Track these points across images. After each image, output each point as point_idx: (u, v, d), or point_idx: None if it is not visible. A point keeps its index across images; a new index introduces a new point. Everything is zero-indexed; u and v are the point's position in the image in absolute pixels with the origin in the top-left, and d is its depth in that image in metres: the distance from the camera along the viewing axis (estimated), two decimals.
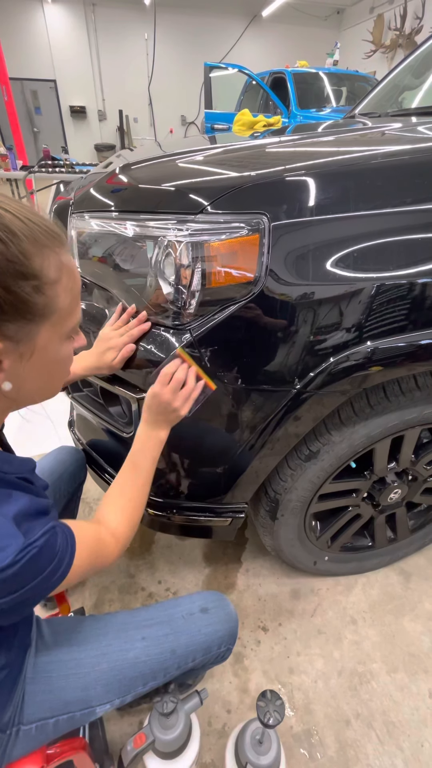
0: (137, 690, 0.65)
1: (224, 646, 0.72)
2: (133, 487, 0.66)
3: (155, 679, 0.66)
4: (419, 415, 0.87)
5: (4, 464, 0.47)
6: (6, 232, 0.38)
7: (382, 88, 1.82)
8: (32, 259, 0.40)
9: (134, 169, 0.91)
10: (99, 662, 0.63)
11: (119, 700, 0.64)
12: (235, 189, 0.68)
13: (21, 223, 0.39)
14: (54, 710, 0.59)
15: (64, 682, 0.60)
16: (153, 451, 0.69)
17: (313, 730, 0.94)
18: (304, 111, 4.91)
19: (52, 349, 0.46)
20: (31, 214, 0.41)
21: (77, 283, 0.47)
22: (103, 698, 0.62)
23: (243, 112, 2.97)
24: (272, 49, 9.52)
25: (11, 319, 0.40)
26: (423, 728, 0.94)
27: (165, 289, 0.71)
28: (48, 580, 0.45)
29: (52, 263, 0.42)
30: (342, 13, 9.39)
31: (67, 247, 0.46)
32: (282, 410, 0.74)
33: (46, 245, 0.41)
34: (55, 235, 0.43)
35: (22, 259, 0.39)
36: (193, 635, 0.68)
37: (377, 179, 0.71)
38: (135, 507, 0.65)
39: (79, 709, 0.60)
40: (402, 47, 7.72)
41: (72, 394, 0.99)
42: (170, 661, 0.66)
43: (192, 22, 8.79)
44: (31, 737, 0.57)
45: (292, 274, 0.66)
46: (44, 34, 8.22)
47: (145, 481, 0.68)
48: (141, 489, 0.67)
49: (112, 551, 0.58)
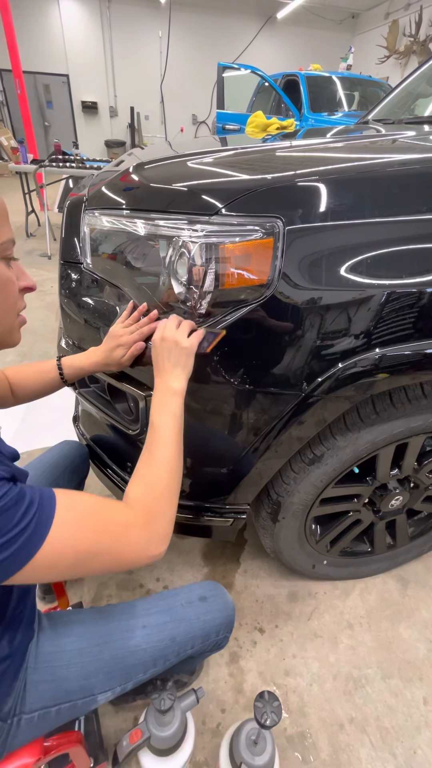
0: (138, 677, 0.66)
1: (222, 634, 0.73)
2: (153, 451, 0.58)
3: (155, 666, 0.67)
4: (425, 423, 0.88)
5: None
6: None
7: (395, 95, 1.83)
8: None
9: (148, 168, 0.91)
10: (101, 651, 0.63)
11: (120, 688, 0.65)
12: (251, 192, 0.68)
13: None
14: (56, 698, 0.59)
15: (66, 671, 0.61)
16: (169, 406, 0.61)
17: (307, 733, 0.94)
18: (316, 114, 4.91)
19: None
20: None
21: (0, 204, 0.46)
22: (104, 686, 0.63)
23: (256, 113, 2.98)
24: (286, 52, 9.52)
25: None
26: (416, 735, 0.95)
27: (177, 289, 0.71)
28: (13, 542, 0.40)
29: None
30: (357, 18, 9.39)
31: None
32: (289, 414, 0.75)
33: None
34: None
35: None
36: (192, 623, 0.69)
37: (393, 187, 0.71)
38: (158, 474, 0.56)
39: (81, 697, 0.61)
40: (416, 54, 7.71)
41: (78, 389, 0.99)
42: (170, 648, 0.67)
43: (206, 21, 8.80)
44: (33, 726, 0.58)
45: (305, 278, 0.66)
46: (59, 28, 8.24)
47: (166, 443, 0.59)
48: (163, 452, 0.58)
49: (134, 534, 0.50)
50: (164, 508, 0.55)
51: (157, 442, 0.59)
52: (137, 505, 0.52)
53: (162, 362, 0.65)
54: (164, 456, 0.58)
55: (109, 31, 8.52)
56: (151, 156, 1.01)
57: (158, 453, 0.58)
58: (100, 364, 0.78)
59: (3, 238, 0.48)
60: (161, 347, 0.65)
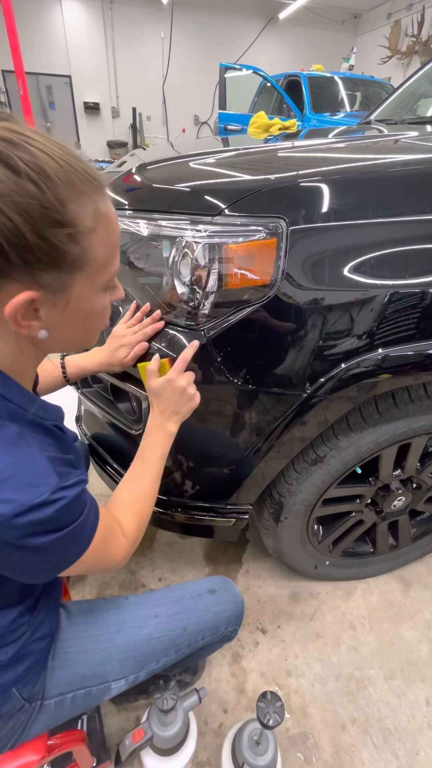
0: (150, 666, 0.67)
1: (231, 626, 0.74)
2: (142, 483, 0.65)
3: (167, 655, 0.68)
4: (427, 424, 0.88)
5: (40, 410, 0.48)
6: (42, 176, 0.36)
7: (398, 96, 1.82)
8: (67, 205, 0.38)
9: (150, 169, 0.92)
10: (114, 638, 0.64)
11: (133, 676, 0.66)
12: (254, 192, 0.69)
13: (58, 166, 0.37)
14: (72, 684, 0.61)
15: (82, 657, 0.62)
16: (162, 446, 0.67)
17: (309, 734, 0.94)
18: (318, 115, 4.90)
19: (87, 300, 0.45)
20: (69, 156, 0.39)
21: (115, 234, 0.45)
22: (118, 673, 0.64)
23: (259, 114, 2.98)
24: (288, 52, 9.50)
25: (45, 267, 0.39)
26: (419, 736, 0.95)
27: (180, 289, 0.71)
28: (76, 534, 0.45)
29: (89, 212, 0.40)
30: (359, 18, 9.37)
31: (106, 193, 0.43)
32: (291, 414, 0.75)
33: (83, 192, 0.39)
34: (93, 180, 0.41)
35: (57, 206, 0.37)
36: (203, 614, 0.70)
37: (395, 187, 0.71)
38: (144, 506, 0.64)
39: (95, 684, 0.62)
40: (418, 54, 7.69)
41: (81, 389, 0.99)
42: (181, 638, 0.68)
43: (208, 22, 8.79)
44: (50, 713, 0.59)
45: (308, 278, 0.66)
46: (61, 29, 8.24)
47: (154, 478, 0.67)
48: (150, 485, 0.65)
49: (122, 547, 0.57)
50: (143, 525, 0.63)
51: (148, 477, 0.66)
52: (126, 529, 0.59)
53: (167, 403, 0.67)
54: (151, 492, 0.65)
55: (112, 32, 8.53)
56: (153, 157, 1.02)
57: (149, 487, 0.65)
58: (103, 364, 0.78)
59: (113, 271, 0.47)
60: (166, 388, 0.66)
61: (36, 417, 0.47)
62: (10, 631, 0.53)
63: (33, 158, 0.36)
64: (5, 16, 2.71)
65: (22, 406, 0.45)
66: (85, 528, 0.47)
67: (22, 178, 0.35)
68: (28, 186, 0.35)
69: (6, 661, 0.52)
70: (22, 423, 0.44)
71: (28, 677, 0.55)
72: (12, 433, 0.42)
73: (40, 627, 0.57)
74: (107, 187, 0.44)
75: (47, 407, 0.50)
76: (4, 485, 0.39)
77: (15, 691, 0.54)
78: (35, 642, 0.56)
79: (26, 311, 0.40)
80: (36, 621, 0.56)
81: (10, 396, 0.44)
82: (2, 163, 0.34)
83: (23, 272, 0.38)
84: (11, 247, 0.36)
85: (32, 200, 0.36)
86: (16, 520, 0.39)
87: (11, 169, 0.35)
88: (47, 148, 0.37)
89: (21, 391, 0.46)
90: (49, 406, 0.51)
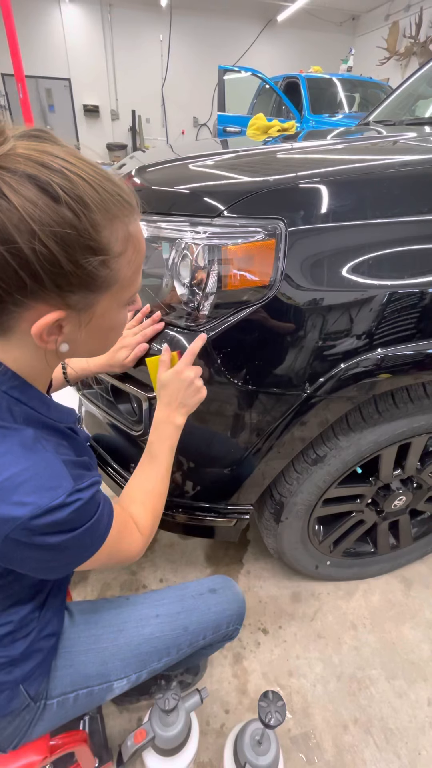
0: (152, 665, 0.67)
1: (233, 625, 0.74)
2: (152, 478, 0.65)
3: (169, 655, 0.68)
4: (427, 423, 0.88)
5: (54, 412, 0.49)
6: (79, 204, 0.36)
7: (396, 97, 1.83)
8: (101, 232, 0.38)
9: (150, 171, 0.92)
10: (116, 637, 0.65)
11: (135, 676, 0.66)
12: (253, 194, 0.69)
13: (94, 192, 0.37)
14: (75, 684, 0.61)
15: (84, 657, 0.62)
16: (170, 440, 0.67)
17: (311, 734, 0.94)
18: (317, 116, 4.92)
19: (109, 317, 0.46)
20: (105, 180, 0.39)
21: (141, 253, 0.46)
22: (120, 672, 0.64)
23: (258, 116, 2.99)
24: (286, 54, 9.53)
25: (75, 290, 0.40)
26: (421, 736, 0.94)
27: (180, 291, 0.72)
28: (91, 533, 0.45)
29: (120, 235, 0.41)
30: (357, 20, 9.39)
31: (137, 214, 0.44)
32: (291, 414, 0.75)
33: (116, 216, 0.40)
34: (126, 203, 0.41)
35: (92, 233, 0.38)
36: (204, 613, 0.71)
37: (394, 188, 0.72)
38: (156, 500, 0.64)
39: (97, 683, 0.62)
40: (416, 55, 7.71)
41: (82, 390, 1.00)
42: (183, 637, 0.68)
43: (207, 24, 8.82)
44: (53, 713, 0.59)
45: (307, 279, 0.66)
46: (60, 33, 8.28)
47: (164, 472, 0.66)
48: (161, 480, 0.66)
49: (137, 541, 0.57)
50: (157, 520, 0.64)
51: (158, 472, 0.66)
52: (140, 524, 0.59)
53: (175, 394, 0.66)
54: (162, 487, 0.66)
55: (111, 36, 8.56)
56: (153, 159, 1.02)
57: (159, 482, 0.66)
58: (104, 365, 0.79)
59: (136, 288, 0.47)
60: (173, 379, 0.66)
61: (51, 420, 0.48)
62: (22, 626, 0.53)
63: (71, 185, 0.36)
64: (5, 19, 2.72)
65: (38, 410, 0.46)
66: (100, 526, 0.47)
67: (60, 206, 0.35)
68: (66, 214, 0.36)
69: (17, 657, 0.53)
70: (38, 426, 0.45)
71: (35, 675, 0.56)
72: (29, 437, 0.43)
73: (48, 625, 0.57)
74: (138, 207, 0.44)
75: (61, 410, 0.51)
76: (22, 488, 0.40)
77: (22, 689, 0.55)
78: (43, 639, 0.56)
79: (52, 328, 0.41)
80: (45, 618, 0.57)
81: (26, 400, 0.45)
82: (41, 189, 0.35)
83: (54, 295, 0.39)
84: (45, 272, 0.36)
85: (70, 229, 0.36)
86: (33, 522, 0.39)
87: (50, 196, 0.35)
88: (84, 173, 0.37)
89: (38, 395, 0.47)
90: (63, 409, 0.52)
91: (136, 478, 0.66)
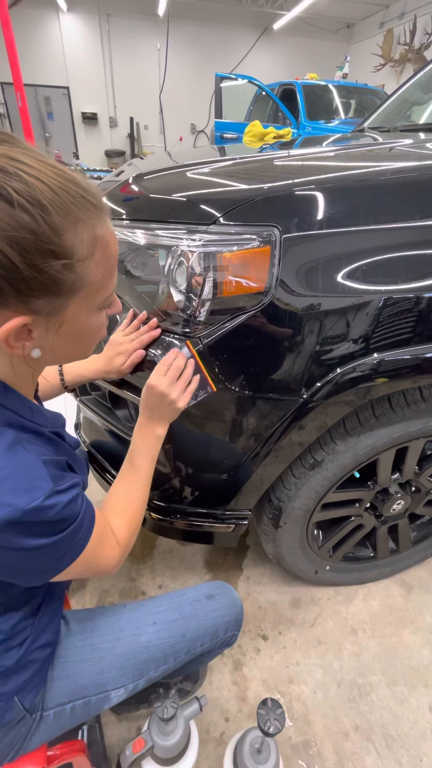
0: (149, 674, 0.67)
1: (230, 631, 0.73)
2: (132, 489, 0.65)
3: (166, 663, 0.68)
4: (424, 427, 0.88)
5: (39, 417, 0.49)
6: (36, 206, 0.35)
7: (391, 103, 1.85)
8: (63, 235, 0.37)
9: (147, 179, 0.93)
10: (113, 647, 0.64)
11: (132, 685, 0.65)
12: (248, 201, 0.70)
13: (54, 195, 0.36)
14: (71, 695, 0.60)
15: (80, 667, 0.62)
16: (151, 450, 0.67)
17: (312, 741, 0.93)
18: (313, 122, 4.97)
19: (82, 320, 0.45)
20: (68, 182, 0.38)
21: (112, 256, 0.44)
22: (117, 682, 0.64)
23: (254, 123, 3.01)
24: (282, 61, 9.63)
25: (39, 295, 0.39)
26: (422, 742, 0.94)
27: (176, 297, 0.72)
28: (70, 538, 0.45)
29: (85, 238, 0.39)
30: (352, 27, 9.51)
31: (105, 216, 0.42)
32: (288, 419, 0.75)
33: (80, 219, 0.38)
34: (90, 204, 0.40)
35: (52, 237, 0.36)
36: (201, 620, 0.70)
37: (387, 195, 0.72)
38: (135, 510, 0.64)
39: (94, 693, 0.62)
40: (411, 62, 7.80)
41: (80, 397, 1.00)
42: (180, 644, 0.68)
43: (204, 33, 8.92)
44: (49, 724, 0.59)
45: (302, 285, 0.67)
46: (59, 42, 8.36)
47: (144, 482, 0.66)
48: (140, 490, 0.66)
49: (114, 552, 0.57)
50: (135, 531, 0.63)
51: (138, 482, 0.66)
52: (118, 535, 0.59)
53: (151, 409, 0.66)
54: (142, 498, 0.66)
55: (109, 44, 8.65)
56: (150, 166, 1.03)
57: (139, 492, 0.66)
58: (101, 372, 0.79)
59: (109, 291, 0.46)
60: (149, 394, 0.65)
61: (34, 424, 0.47)
62: (14, 635, 0.53)
63: (27, 187, 0.35)
64: (3, 29, 2.75)
65: (20, 414, 0.46)
66: (80, 532, 0.47)
67: (15, 209, 0.34)
68: (22, 218, 0.34)
69: (11, 666, 0.53)
70: (19, 430, 0.45)
71: (30, 686, 0.55)
72: (9, 439, 0.43)
73: (42, 634, 0.57)
74: (106, 209, 0.43)
75: (46, 414, 0.51)
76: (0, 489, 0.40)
77: (17, 700, 0.54)
78: (38, 650, 0.56)
79: (18, 333, 0.40)
80: (38, 627, 0.56)
81: (8, 404, 0.45)
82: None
83: (15, 300, 0.38)
84: (3, 278, 0.36)
85: (27, 233, 0.35)
86: (11, 524, 0.39)
87: (5, 200, 0.34)
88: (42, 175, 0.36)
89: (20, 399, 0.47)
90: (48, 414, 0.52)
91: (118, 487, 0.65)
